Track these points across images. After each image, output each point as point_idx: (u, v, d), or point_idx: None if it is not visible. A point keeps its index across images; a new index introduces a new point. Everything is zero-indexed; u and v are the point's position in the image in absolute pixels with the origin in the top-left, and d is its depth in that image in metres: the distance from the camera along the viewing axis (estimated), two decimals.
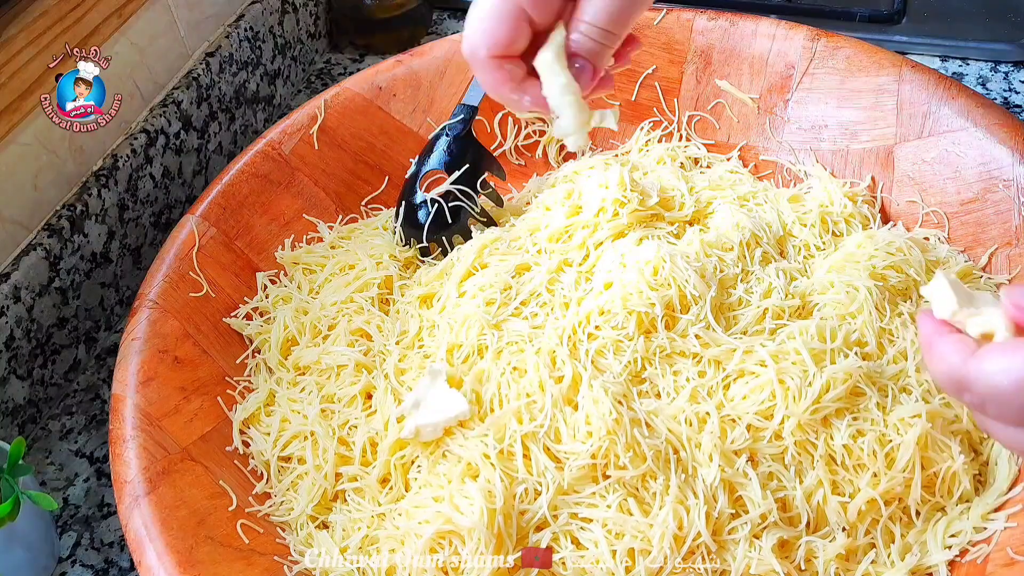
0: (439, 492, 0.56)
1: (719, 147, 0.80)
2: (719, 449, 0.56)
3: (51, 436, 0.70)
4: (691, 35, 0.80)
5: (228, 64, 0.84)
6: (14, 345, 0.66)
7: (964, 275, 0.67)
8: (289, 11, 0.93)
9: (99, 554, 0.64)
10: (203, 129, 0.82)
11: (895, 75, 0.74)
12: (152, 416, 0.60)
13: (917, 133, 0.73)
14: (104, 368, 0.74)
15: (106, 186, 0.72)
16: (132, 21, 0.74)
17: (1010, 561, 0.53)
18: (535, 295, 0.65)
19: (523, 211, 0.75)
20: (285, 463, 0.63)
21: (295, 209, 0.75)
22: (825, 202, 0.72)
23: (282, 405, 0.64)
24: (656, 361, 0.60)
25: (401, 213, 0.73)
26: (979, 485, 0.58)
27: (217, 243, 0.70)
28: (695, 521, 0.54)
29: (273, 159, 0.75)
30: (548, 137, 0.82)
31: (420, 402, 0.59)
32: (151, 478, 0.57)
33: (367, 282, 0.69)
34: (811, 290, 0.66)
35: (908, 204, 0.73)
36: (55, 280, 0.69)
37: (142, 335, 0.64)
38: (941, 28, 0.91)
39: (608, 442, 0.55)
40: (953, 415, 0.59)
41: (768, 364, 0.58)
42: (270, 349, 0.67)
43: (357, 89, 0.79)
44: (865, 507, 0.56)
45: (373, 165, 0.79)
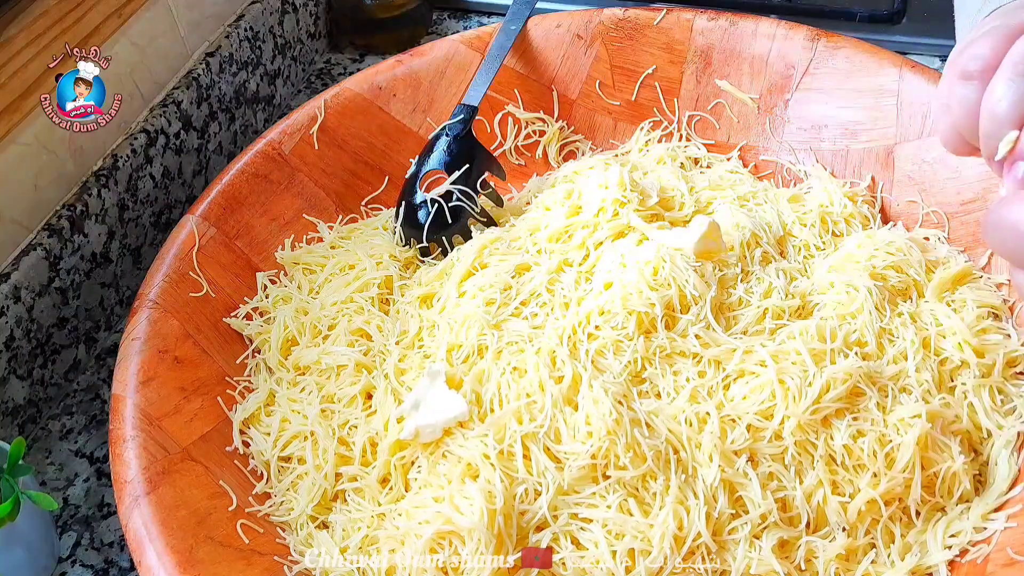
0: (439, 492, 0.56)
1: (719, 147, 0.80)
2: (719, 449, 0.56)
3: (51, 436, 0.70)
4: (691, 35, 0.80)
5: (228, 64, 0.84)
6: (14, 345, 0.66)
7: (964, 275, 0.67)
8: (289, 11, 0.93)
9: (99, 554, 0.64)
10: (203, 129, 0.82)
11: (895, 75, 0.74)
12: (152, 416, 0.60)
13: (917, 133, 0.73)
14: (104, 368, 0.74)
15: (106, 186, 0.72)
16: (132, 21, 0.74)
17: (1010, 561, 0.53)
18: (535, 295, 0.65)
19: (523, 211, 0.75)
20: (285, 463, 0.63)
21: (295, 209, 0.75)
22: (825, 202, 0.72)
23: (282, 405, 0.64)
24: (656, 361, 0.60)
25: (401, 213, 0.73)
26: (979, 485, 0.58)
27: (217, 243, 0.70)
28: (695, 521, 0.54)
29: (273, 159, 0.75)
30: (548, 137, 0.82)
31: (419, 403, 0.59)
32: (151, 478, 0.57)
33: (367, 282, 0.69)
34: (811, 290, 0.66)
35: (908, 204, 0.73)
36: (55, 280, 0.69)
37: (142, 335, 0.64)
38: (941, 28, 0.91)
39: (608, 442, 0.55)
40: (953, 415, 0.59)
41: (768, 364, 0.58)
42: (270, 349, 0.67)
43: (357, 89, 0.79)
44: (865, 507, 0.56)
45: (373, 165, 0.79)
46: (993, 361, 0.62)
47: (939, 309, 0.65)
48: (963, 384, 0.61)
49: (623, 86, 0.82)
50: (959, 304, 0.65)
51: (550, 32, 0.83)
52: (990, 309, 0.65)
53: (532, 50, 0.83)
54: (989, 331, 0.64)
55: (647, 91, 0.82)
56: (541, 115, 0.83)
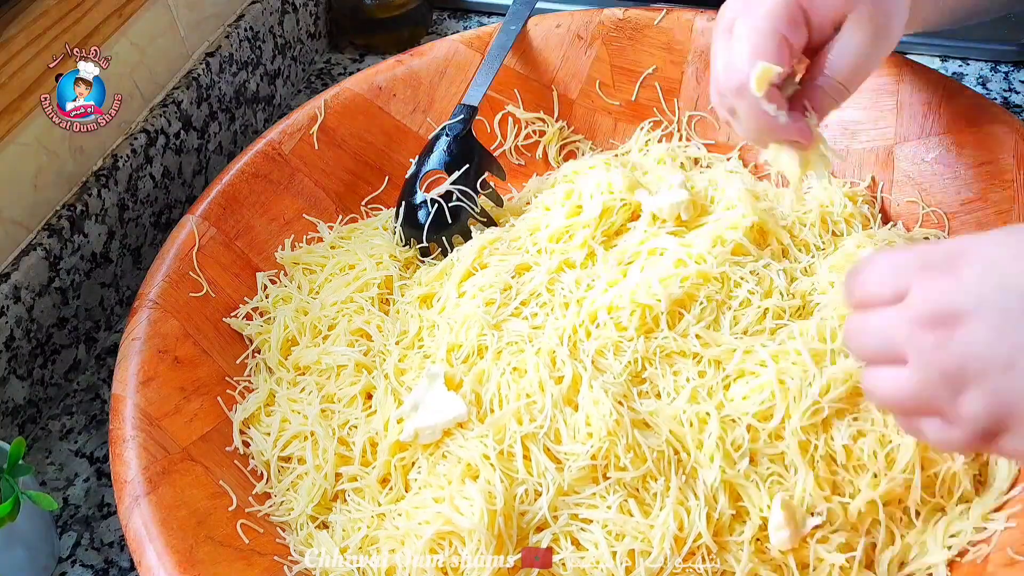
0: (439, 493, 0.56)
1: (719, 147, 0.80)
2: (720, 450, 0.56)
3: (51, 436, 0.70)
4: (691, 35, 0.80)
5: (228, 64, 0.84)
6: (14, 345, 0.66)
7: None
8: (289, 11, 0.93)
9: (99, 554, 0.64)
10: (203, 129, 0.82)
11: (895, 75, 0.74)
12: (152, 416, 0.60)
13: (917, 133, 0.73)
14: (104, 368, 0.74)
15: (106, 186, 0.72)
16: (132, 21, 0.74)
17: (1010, 561, 0.53)
18: (535, 295, 0.65)
19: (523, 211, 0.74)
20: (285, 463, 0.63)
21: (295, 209, 0.75)
22: (825, 202, 0.72)
23: (282, 405, 0.64)
24: (656, 361, 0.60)
25: (401, 213, 0.73)
26: (979, 485, 0.58)
27: (217, 243, 0.70)
28: (696, 522, 0.54)
29: (273, 159, 0.75)
30: (548, 137, 0.82)
31: (419, 405, 0.59)
32: (151, 478, 0.57)
33: (367, 282, 0.69)
34: (811, 290, 0.66)
35: (908, 204, 0.73)
36: (55, 280, 0.69)
37: (142, 335, 0.64)
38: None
39: (608, 443, 0.55)
40: None
41: (768, 364, 0.58)
42: (270, 349, 0.67)
43: (357, 89, 0.79)
44: (865, 508, 0.56)
45: (373, 165, 0.79)
46: None
47: None
48: None
49: (623, 86, 0.82)
50: None
51: (550, 32, 0.83)
52: None
53: (532, 50, 0.83)
54: None
55: (647, 91, 0.82)
56: (541, 115, 0.82)
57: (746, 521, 0.56)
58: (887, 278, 0.44)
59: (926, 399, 0.42)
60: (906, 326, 0.42)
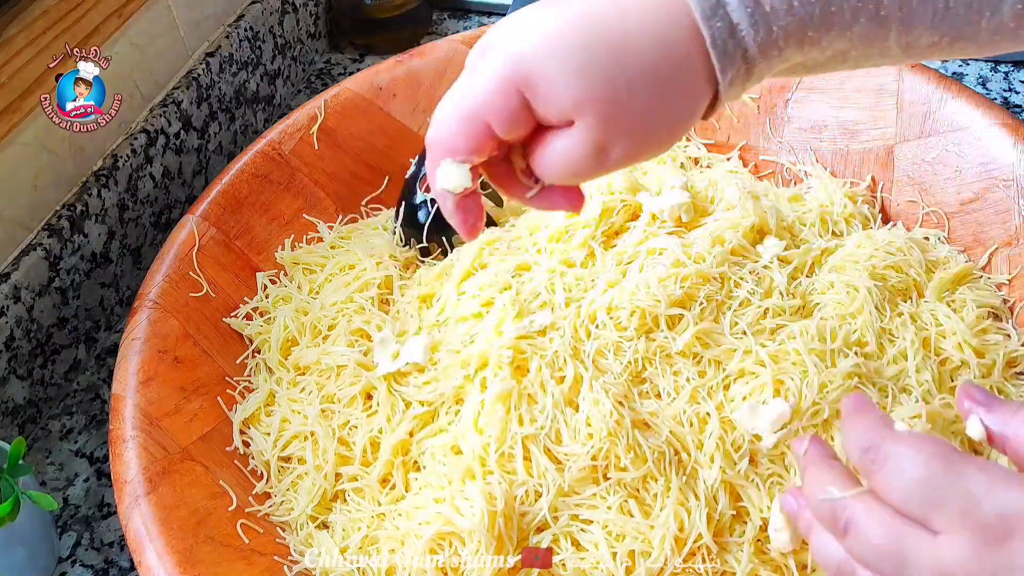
0: (439, 493, 0.56)
1: (719, 147, 0.80)
2: (720, 450, 0.56)
3: (51, 436, 0.70)
4: None
5: (228, 64, 0.84)
6: (14, 345, 0.66)
7: (964, 275, 0.67)
8: (289, 11, 0.93)
9: (99, 554, 0.64)
10: (203, 129, 0.82)
11: (895, 75, 0.74)
12: (152, 416, 0.60)
13: (917, 133, 0.73)
14: (104, 368, 0.74)
15: (106, 186, 0.72)
16: (132, 21, 0.74)
17: None
18: (535, 295, 0.65)
19: (523, 211, 0.74)
20: (285, 463, 0.63)
21: (295, 209, 0.75)
22: (825, 202, 0.72)
23: (282, 405, 0.64)
24: (656, 361, 0.60)
25: (401, 213, 0.73)
26: None
27: (217, 243, 0.70)
28: (696, 522, 0.54)
29: (273, 159, 0.75)
30: None
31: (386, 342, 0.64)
32: (151, 478, 0.57)
33: (367, 282, 0.69)
34: (811, 290, 0.66)
35: (908, 204, 0.73)
36: (55, 280, 0.69)
37: (142, 335, 0.64)
38: None
39: (609, 443, 0.55)
40: (953, 415, 0.59)
41: (768, 364, 0.58)
42: (270, 349, 0.67)
43: (357, 89, 0.79)
44: None
45: (373, 165, 0.79)
46: (993, 361, 0.62)
47: (939, 309, 0.65)
48: None
49: None
50: (959, 304, 0.65)
51: None
52: (990, 309, 0.66)
53: None
54: (989, 331, 0.64)
55: None
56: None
57: (746, 522, 0.56)
58: (915, 494, 0.36)
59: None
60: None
